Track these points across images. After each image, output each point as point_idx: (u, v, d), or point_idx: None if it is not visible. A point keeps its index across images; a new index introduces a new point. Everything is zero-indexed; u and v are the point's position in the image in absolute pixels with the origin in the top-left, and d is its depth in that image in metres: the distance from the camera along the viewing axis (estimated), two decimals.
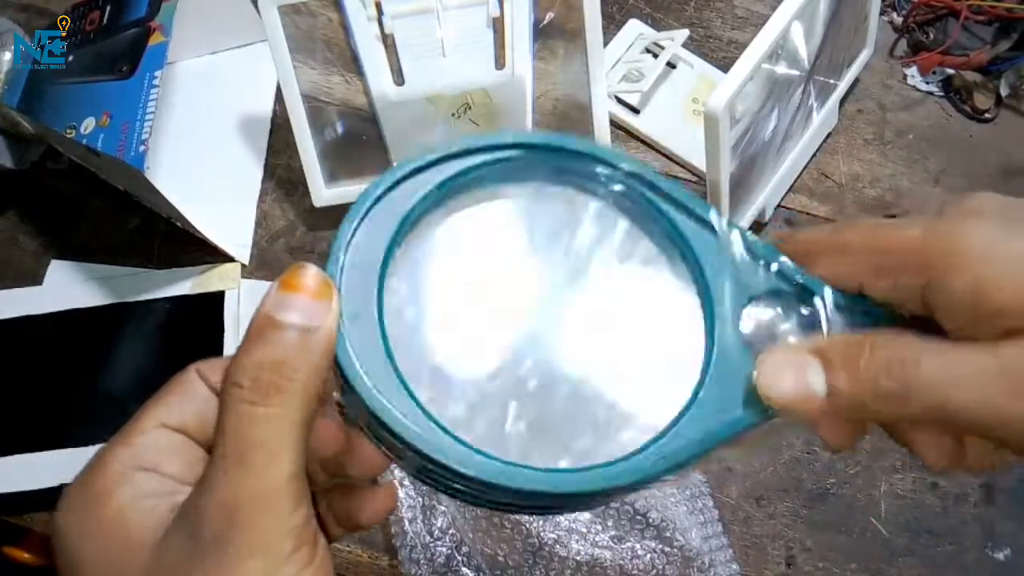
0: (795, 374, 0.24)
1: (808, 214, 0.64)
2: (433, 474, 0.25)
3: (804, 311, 0.27)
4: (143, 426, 0.26)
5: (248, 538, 0.22)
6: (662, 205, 0.27)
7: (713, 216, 0.27)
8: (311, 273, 0.24)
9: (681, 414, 0.26)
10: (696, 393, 0.26)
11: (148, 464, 0.25)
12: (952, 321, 0.24)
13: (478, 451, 0.24)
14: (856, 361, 0.24)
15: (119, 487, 0.24)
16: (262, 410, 0.23)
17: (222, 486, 0.23)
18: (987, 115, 0.67)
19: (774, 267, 0.26)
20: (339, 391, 0.26)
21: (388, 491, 0.30)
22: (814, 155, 0.66)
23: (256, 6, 0.58)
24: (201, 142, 0.67)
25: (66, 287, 0.62)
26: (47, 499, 0.54)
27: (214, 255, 0.61)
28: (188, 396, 0.27)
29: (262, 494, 0.23)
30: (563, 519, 0.52)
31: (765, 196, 0.60)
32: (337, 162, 0.61)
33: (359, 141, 0.63)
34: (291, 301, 0.23)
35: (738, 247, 0.26)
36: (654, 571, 0.51)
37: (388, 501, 0.30)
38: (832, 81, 0.63)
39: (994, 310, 0.23)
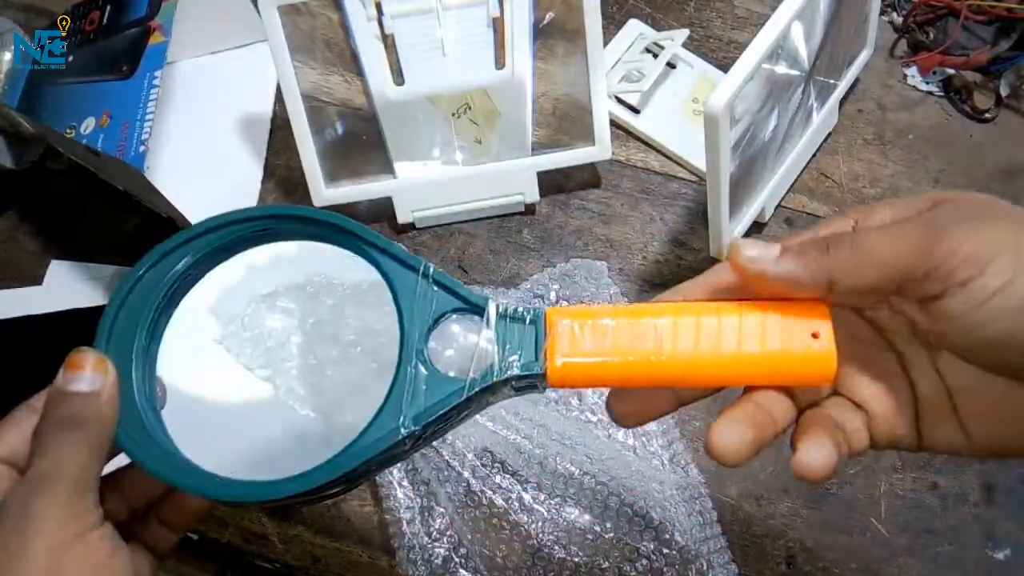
0: (757, 248, 0.30)
1: (808, 214, 0.64)
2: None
3: (476, 320, 0.32)
4: None
5: (41, 503, 0.29)
6: (369, 251, 0.33)
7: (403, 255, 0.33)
8: (89, 355, 0.32)
9: (374, 418, 0.31)
10: (385, 401, 0.31)
11: None
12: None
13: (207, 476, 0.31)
14: (802, 239, 0.30)
15: None
16: (63, 431, 0.30)
17: (29, 473, 0.30)
18: (987, 115, 0.67)
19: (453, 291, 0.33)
20: None
21: None
22: (814, 155, 0.66)
23: (256, 6, 0.58)
24: (201, 142, 0.67)
25: (66, 287, 0.62)
26: None
27: None
28: (14, 428, 0.33)
29: (54, 476, 0.30)
30: (561, 521, 0.52)
31: (765, 196, 0.60)
32: (337, 162, 0.61)
33: (359, 141, 0.63)
34: (78, 376, 0.31)
35: (423, 281, 0.33)
36: (652, 572, 0.51)
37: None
38: (832, 81, 0.63)
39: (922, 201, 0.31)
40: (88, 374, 0.31)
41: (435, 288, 0.32)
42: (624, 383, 0.32)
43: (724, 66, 0.68)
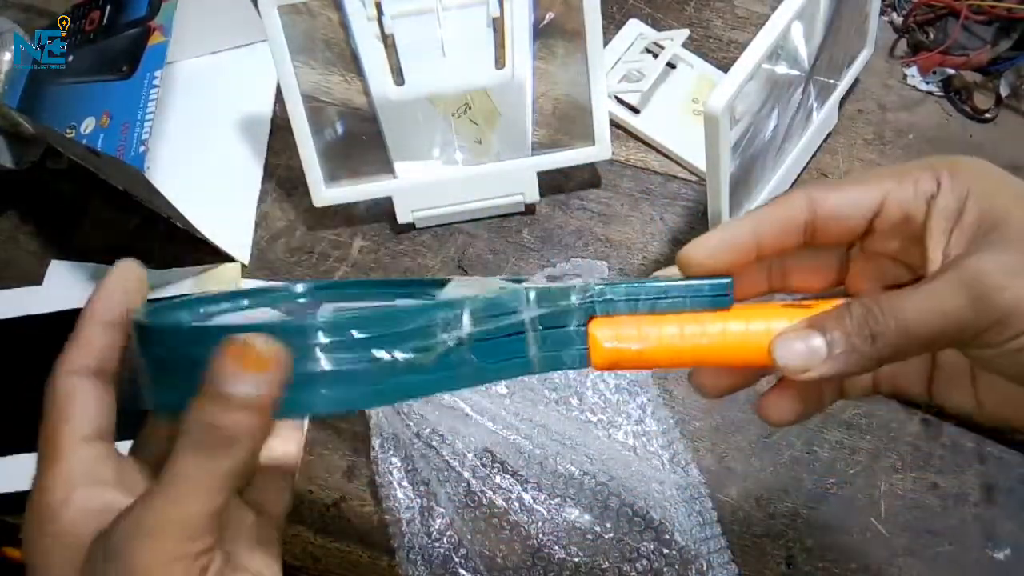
0: (802, 343, 0.28)
1: None
2: None
3: None
4: (63, 449, 0.28)
5: (155, 560, 0.26)
6: None
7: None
8: (262, 344, 0.25)
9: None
10: None
11: (84, 482, 0.28)
12: (940, 222, 0.29)
13: None
14: (843, 321, 0.28)
15: (64, 509, 0.28)
16: (203, 456, 0.26)
17: (149, 506, 0.26)
18: (987, 115, 0.67)
19: None
20: None
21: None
22: (814, 155, 0.66)
23: (256, 6, 0.58)
24: (201, 142, 0.67)
25: (66, 287, 0.62)
26: None
27: (214, 255, 0.61)
28: (85, 402, 0.29)
29: (182, 521, 0.26)
30: (561, 521, 0.52)
31: (765, 196, 0.60)
32: (337, 162, 0.61)
33: (359, 141, 0.63)
34: (238, 374, 0.25)
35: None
36: (652, 572, 0.51)
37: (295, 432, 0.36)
38: (832, 81, 0.63)
39: (972, 210, 0.28)
40: (252, 374, 0.25)
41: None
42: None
43: (724, 66, 0.68)
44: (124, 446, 0.58)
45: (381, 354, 0.27)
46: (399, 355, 0.27)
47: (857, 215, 0.30)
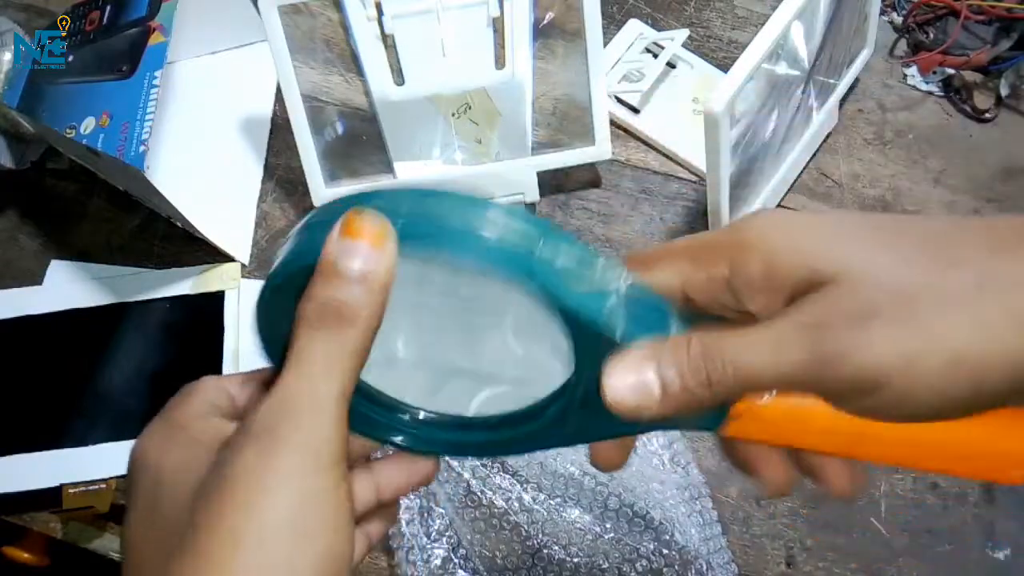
0: (636, 376, 0.26)
1: None
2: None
3: None
4: (205, 387, 0.30)
5: (293, 433, 0.25)
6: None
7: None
8: (371, 220, 0.25)
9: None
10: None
11: (217, 410, 0.29)
12: (754, 300, 0.27)
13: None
14: (681, 356, 0.26)
15: (197, 421, 0.28)
16: (323, 333, 0.25)
17: (279, 388, 0.25)
18: (987, 115, 0.67)
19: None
20: None
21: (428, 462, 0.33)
22: (814, 155, 0.66)
23: (256, 6, 0.58)
24: (201, 142, 0.67)
25: (66, 287, 0.62)
26: (47, 499, 0.54)
27: (214, 255, 0.61)
28: (215, 390, 0.30)
29: (312, 398, 0.25)
30: (561, 521, 0.52)
31: (765, 196, 0.60)
32: (337, 162, 0.61)
33: (359, 141, 0.63)
34: (352, 248, 0.24)
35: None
36: (652, 572, 0.51)
37: (428, 467, 0.32)
38: (832, 81, 0.63)
39: (783, 277, 0.26)
40: (365, 247, 0.24)
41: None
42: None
43: (724, 66, 0.68)
44: (121, 446, 0.58)
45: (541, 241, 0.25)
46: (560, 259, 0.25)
47: (664, 294, 0.29)
